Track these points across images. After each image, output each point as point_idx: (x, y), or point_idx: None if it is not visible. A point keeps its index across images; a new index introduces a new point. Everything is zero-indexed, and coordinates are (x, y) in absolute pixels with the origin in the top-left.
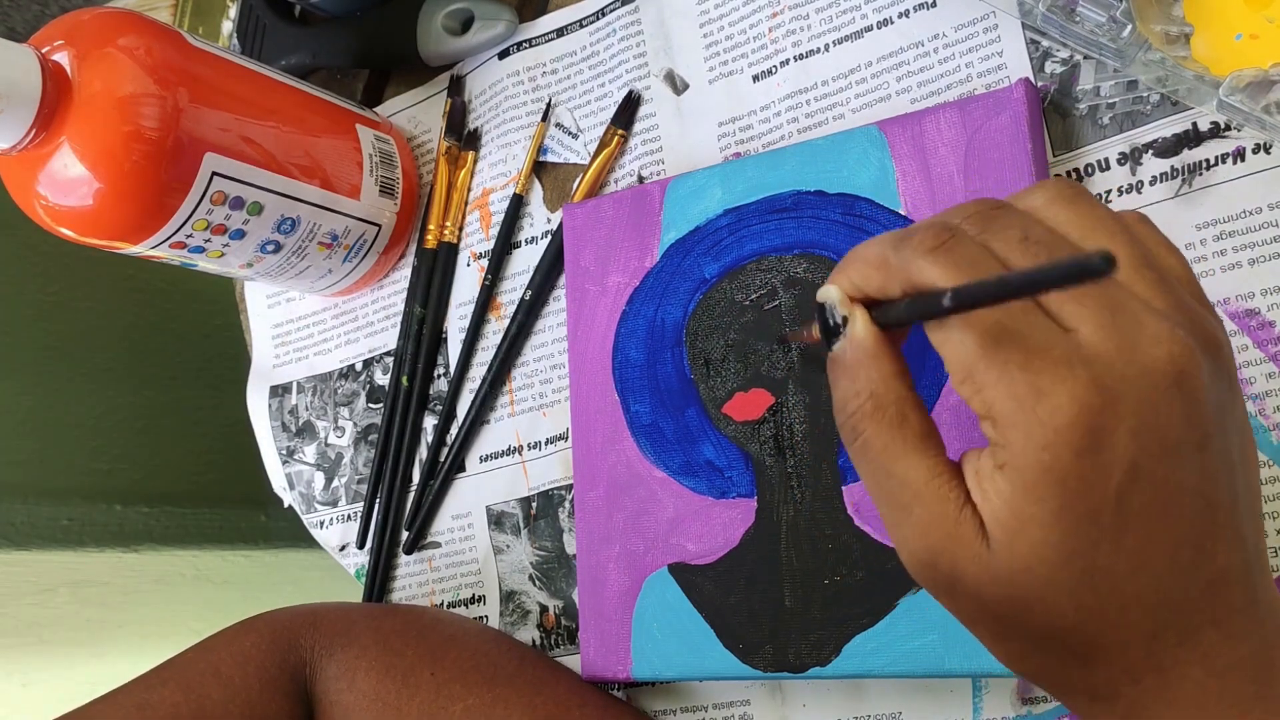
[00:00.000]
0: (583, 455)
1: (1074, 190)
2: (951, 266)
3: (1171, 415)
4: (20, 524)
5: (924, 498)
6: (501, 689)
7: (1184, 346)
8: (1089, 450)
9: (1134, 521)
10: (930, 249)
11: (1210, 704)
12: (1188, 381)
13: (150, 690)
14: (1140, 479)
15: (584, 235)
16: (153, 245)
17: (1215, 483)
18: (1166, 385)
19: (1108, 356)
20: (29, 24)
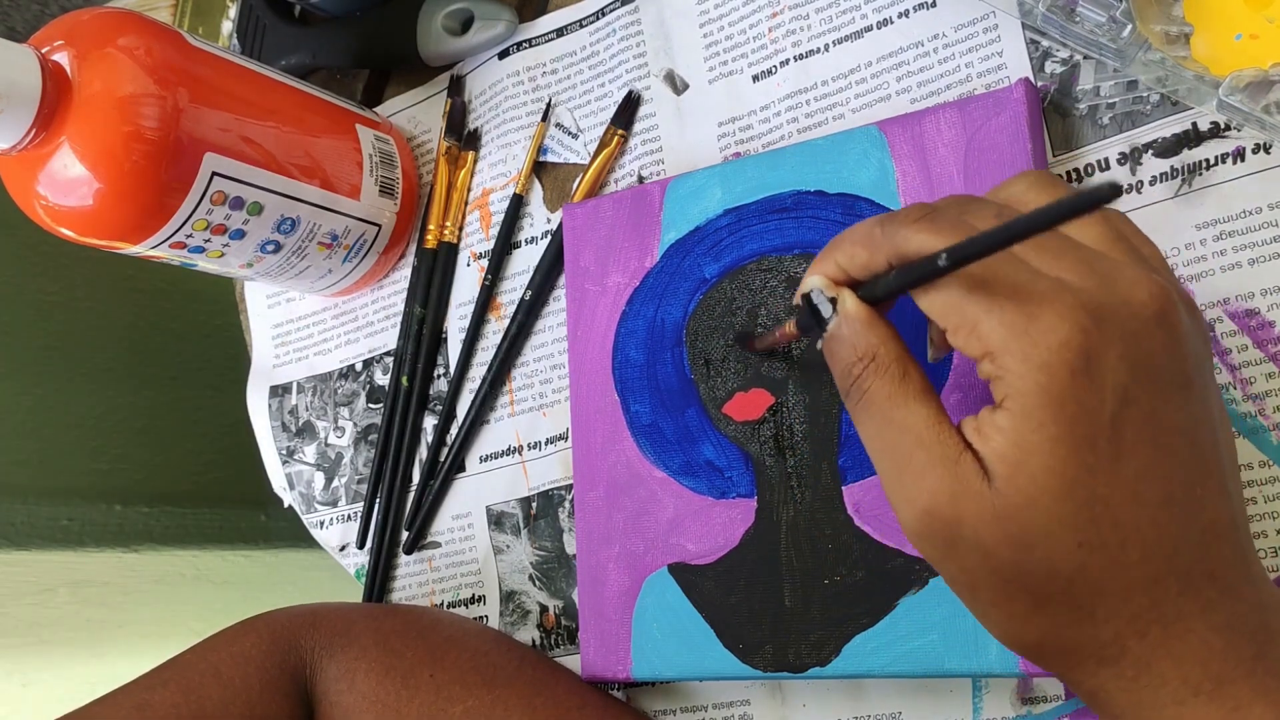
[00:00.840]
0: (583, 455)
1: (1050, 178)
2: (938, 232)
3: (1155, 347)
4: (20, 524)
5: (925, 442)
6: (501, 690)
7: (1162, 289)
8: (1083, 370)
9: (1129, 451)
10: (915, 219)
11: (1214, 662)
12: (1169, 318)
13: (150, 691)
14: (1132, 406)
15: (584, 235)
16: (153, 245)
17: (1200, 427)
18: (1149, 317)
19: (1093, 290)
20: (29, 24)
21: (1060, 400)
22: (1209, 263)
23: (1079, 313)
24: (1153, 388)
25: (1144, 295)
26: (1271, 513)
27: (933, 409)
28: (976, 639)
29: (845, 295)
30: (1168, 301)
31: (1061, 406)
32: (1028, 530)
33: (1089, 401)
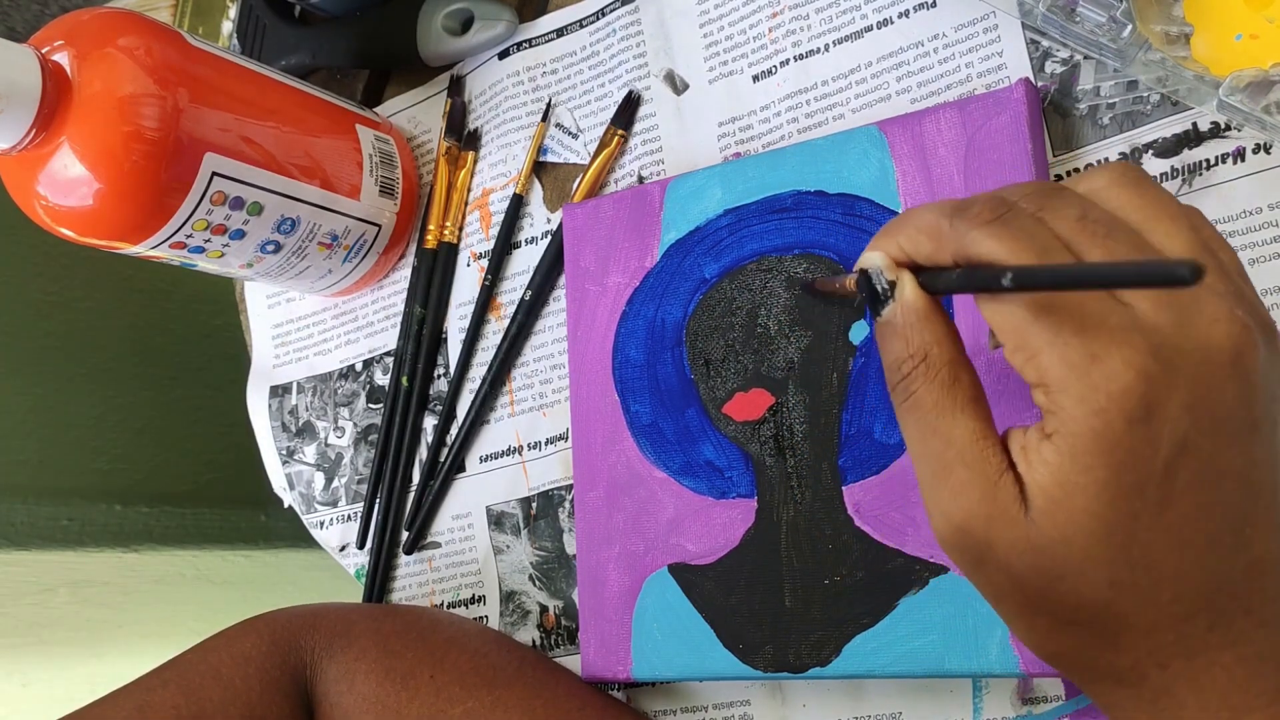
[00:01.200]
0: (583, 455)
1: (1136, 174)
2: (1010, 240)
3: (1226, 394)
4: (20, 524)
5: (967, 458)
6: (501, 691)
7: (1243, 327)
8: (1141, 419)
9: (1178, 498)
10: (987, 221)
11: (1237, 693)
12: (1244, 362)
13: (150, 692)
14: (1189, 454)
15: (584, 235)
16: (153, 245)
17: (1260, 468)
18: (1223, 363)
19: (1165, 329)
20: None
21: (1112, 447)
22: None
23: (1146, 358)
24: (1215, 435)
25: (1221, 337)
26: None
27: (980, 422)
28: (976, 639)
29: (905, 281)
30: (1246, 342)
31: (1113, 453)
32: (1059, 564)
33: (1143, 450)
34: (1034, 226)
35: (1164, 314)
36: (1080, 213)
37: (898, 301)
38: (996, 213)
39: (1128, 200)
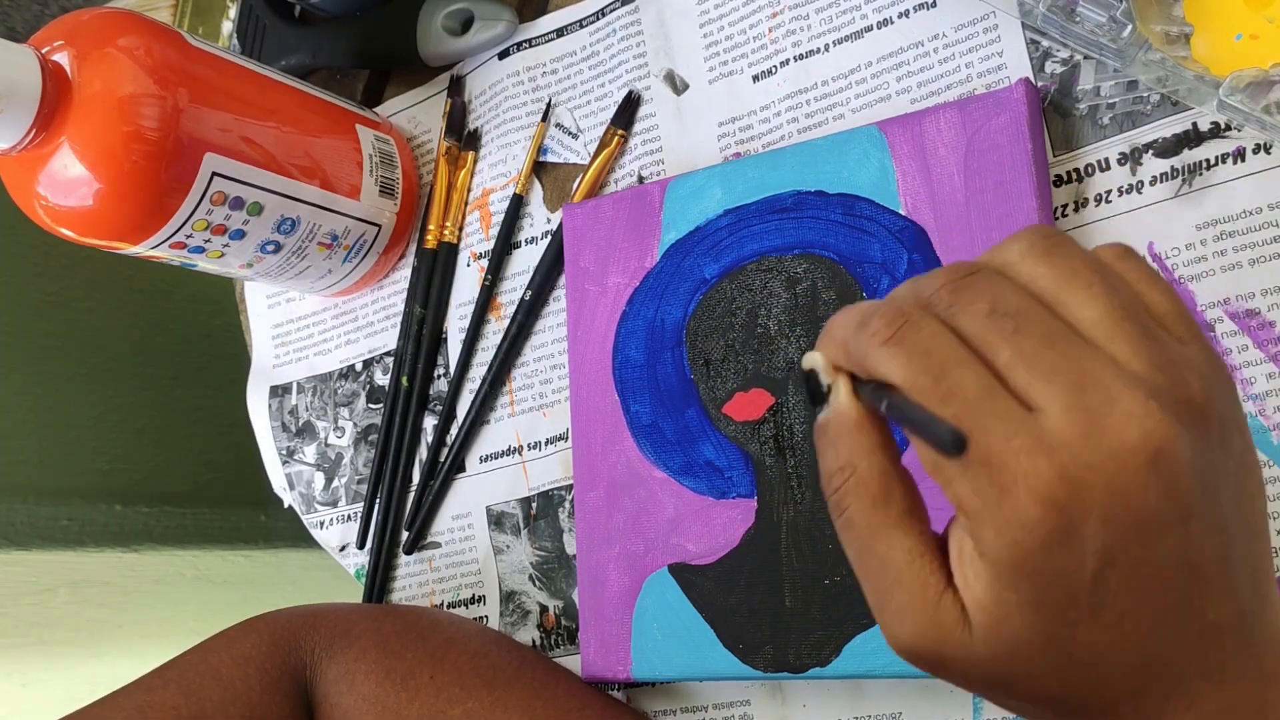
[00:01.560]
0: (583, 455)
1: (1048, 242)
2: (902, 358)
3: (1146, 496)
4: (20, 524)
5: (905, 581)
6: (501, 692)
7: (1158, 422)
8: (1059, 543)
9: (1112, 599)
10: (883, 340)
11: None
12: (1163, 459)
13: (150, 692)
14: (1115, 561)
15: (584, 235)
16: (153, 245)
17: (1201, 548)
18: (1139, 466)
19: (1074, 443)
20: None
21: (1035, 572)
22: (1209, 263)
23: (1054, 486)
24: (1141, 537)
25: (1135, 439)
26: (1272, 513)
27: (915, 539)
28: None
29: (840, 388)
30: (1164, 436)
31: (1037, 576)
32: (1009, 675)
33: (1067, 568)
34: (931, 341)
35: (1073, 424)
36: (990, 306)
37: (831, 406)
38: (893, 328)
39: (1040, 274)
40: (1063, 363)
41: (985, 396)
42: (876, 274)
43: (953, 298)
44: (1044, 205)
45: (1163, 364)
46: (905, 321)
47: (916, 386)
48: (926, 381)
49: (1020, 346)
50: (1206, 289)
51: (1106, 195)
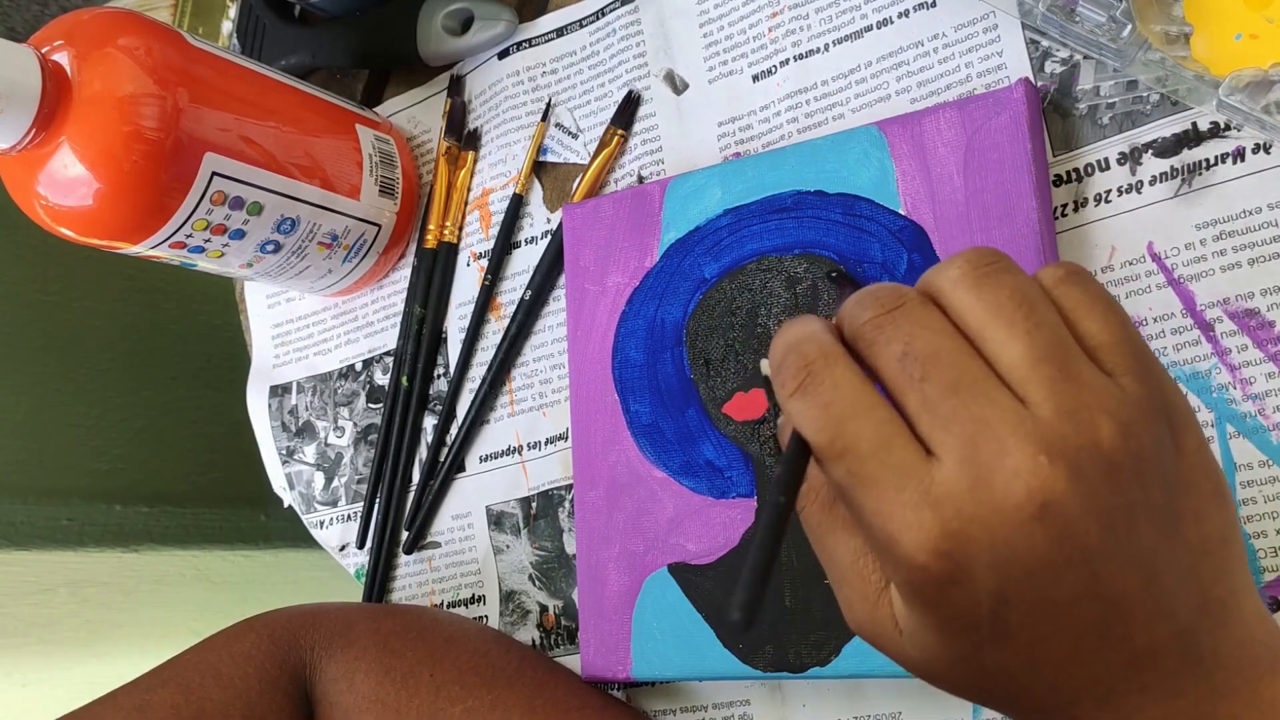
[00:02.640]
0: (582, 455)
1: (980, 271)
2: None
3: (1032, 544)
4: (20, 524)
5: (849, 578)
6: (501, 691)
7: (1045, 477)
8: (950, 583)
9: (1015, 633)
10: (789, 393)
11: None
12: (1050, 512)
13: (150, 691)
14: (1011, 601)
15: (584, 235)
16: (153, 245)
17: (1114, 582)
18: (1023, 520)
19: (960, 496)
20: (29, 24)
21: (933, 605)
22: (1209, 263)
23: (938, 539)
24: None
25: (1020, 494)
26: (1272, 513)
27: (859, 540)
28: None
29: None
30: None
31: (936, 609)
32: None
33: (963, 603)
34: (831, 393)
35: (962, 477)
36: (904, 347)
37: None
38: (797, 380)
39: (968, 305)
40: (962, 411)
41: (880, 449)
42: (876, 274)
43: (875, 334)
44: (1043, 205)
45: (1072, 409)
46: (808, 374)
47: (818, 443)
48: (825, 438)
49: (925, 395)
50: (1206, 289)
51: (1106, 195)
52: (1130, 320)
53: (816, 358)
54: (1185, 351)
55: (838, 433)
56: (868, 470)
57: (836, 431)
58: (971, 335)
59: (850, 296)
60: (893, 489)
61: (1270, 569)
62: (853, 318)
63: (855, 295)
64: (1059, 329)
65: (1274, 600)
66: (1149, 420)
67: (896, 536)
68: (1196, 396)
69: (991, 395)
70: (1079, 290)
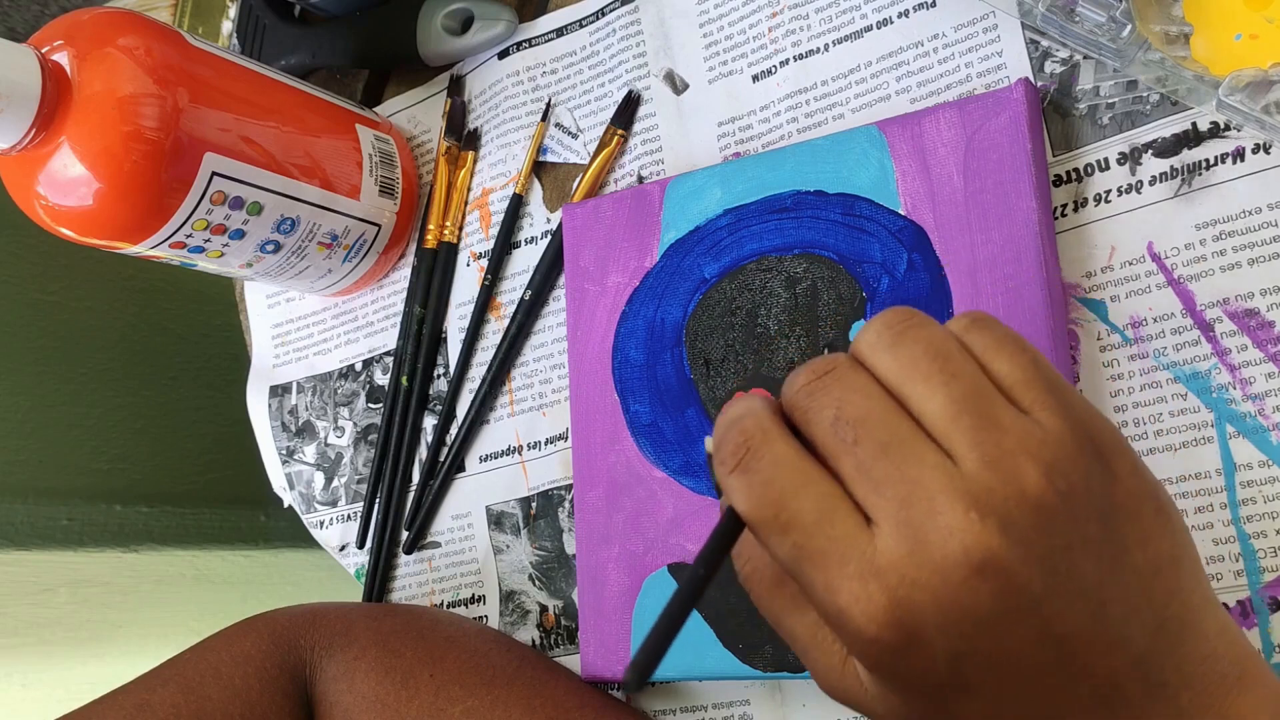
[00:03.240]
0: (582, 455)
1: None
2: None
3: (978, 600)
4: (20, 524)
5: (810, 651)
6: (501, 690)
7: (978, 534)
8: (905, 650)
9: (978, 683)
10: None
11: None
12: (989, 566)
13: (150, 691)
14: (965, 656)
15: (584, 235)
16: (153, 245)
17: (1065, 620)
18: (964, 578)
19: (901, 562)
20: (29, 24)
21: (890, 674)
22: (1209, 263)
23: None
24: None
25: (957, 552)
26: (1271, 513)
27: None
28: None
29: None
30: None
31: (894, 676)
32: None
33: (920, 667)
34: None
35: (900, 542)
36: (835, 413)
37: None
38: (737, 457)
39: (887, 365)
40: (894, 473)
41: (822, 522)
42: (876, 273)
43: (807, 402)
44: (1043, 205)
45: (995, 458)
46: (747, 450)
47: (760, 520)
48: (768, 514)
49: (858, 458)
50: (1206, 289)
51: (1106, 195)
52: (1042, 356)
53: (755, 433)
54: (1185, 351)
55: (780, 508)
56: (813, 545)
57: (779, 507)
58: (895, 394)
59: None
60: (837, 563)
61: (1270, 569)
62: (789, 388)
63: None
64: (975, 376)
65: (1274, 600)
66: (1074, 455)
67: (846, 611)
68: (1197, 396)
69: (920, 454)
70: (986, 334)
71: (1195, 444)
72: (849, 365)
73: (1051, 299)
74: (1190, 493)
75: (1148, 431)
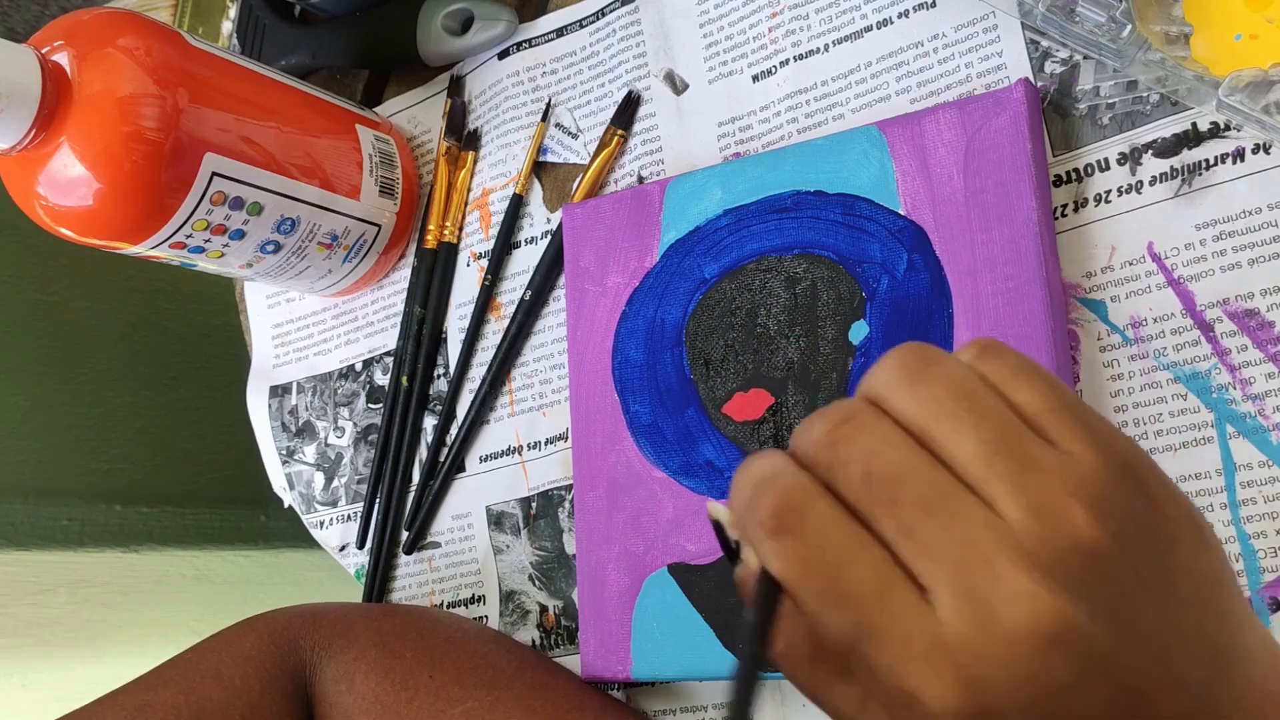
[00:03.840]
0: (582, 455)
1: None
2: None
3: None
4: (20, 524)
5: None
6: (500, 691)
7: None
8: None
9: None
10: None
11: None
12: (1062, 631)
13: (151, 691)
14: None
15: (584, 235)
16: (153, 245)
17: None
18: (1039, 649)
19: (969, 638)
20: (29, 24)
21: None
22: (1209, 263)
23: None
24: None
25: (1026, 623)
26: (1272, 513)
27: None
28: None
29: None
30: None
31: None
32: None
33: None
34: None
35: (964, 615)
36: (864, 467)
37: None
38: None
39: (908, 407)
40: (942, 535)
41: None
42: (876, 274)
43: (830, 455)
44: (1043, 205)
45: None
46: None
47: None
48: (821, 585)
49: (900, 520)
50: (1206, 289)
51: (1106, 195)
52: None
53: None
54: (1185, 351)
55: (834, 578)
56: (874, 621)
57: (833, 578)
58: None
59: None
60: (900, 642)
61: (1270, 569)
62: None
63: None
64: (1003, 412)
65: (1274, 600)
66: (1115, 489)
67: (916, 694)
68: (1197, 397)
69: (966, 511)
70: (1000, 362)
71: (1195, 444)
72: (870, 412)
73: (1052, 299)
74: (1190, 493)
75: (1148, 432)
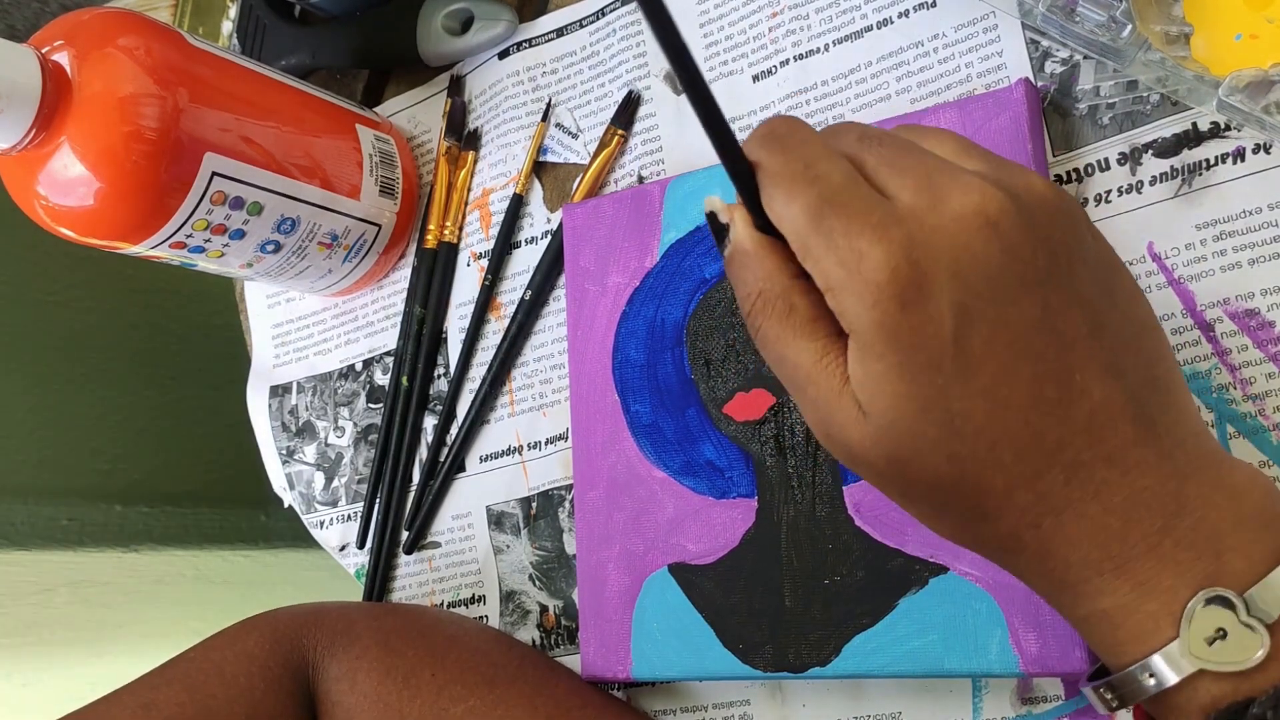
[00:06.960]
0: (583, 455)
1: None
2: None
3: (989, 252)
4: (20, 524)
5: (814, 378)
6: (502, 690)
7: (993, 195)
8: (914, 300)
9: (980, 363)
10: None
11: (1113, 543)
12: (1004, 221)
13: (154, 690)
14: (973, 319)
15: (584, 235)
16: (153, 245)
17: (1065, 316)
18: (979, 226)
19: (920, 211)
20: (29, 24)
21: (896, 332)
22: (1209, 263)
23: (905, 244)
24: (993, 294)
25: (972, 205)
26: None
27: (819, 343)
28: (976, 639)
29: (736, 220)
30: (997, 205)
31: (898, 337)
32: (900, 451)
33: (926, 328)
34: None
35: (921, 198)
36: (860, 133)
37: (731, 240)
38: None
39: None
40: (917, 165)
41: (847, 185)
42: None
43: (828, 134)
44: None
45: (1006, 170)
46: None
47: (788, 172)
48: (797, 168)
49: (882, 154)
50: (1206, 289)
51: (1106, 195)
52: None
53: (786, 121)
54: (1185, 352)
55: (811, 165)
56: (839, 197)
57: (810, 164)
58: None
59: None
60: (860, 212)
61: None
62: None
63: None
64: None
65: None
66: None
67: (865, 251)
68: (1197, 397)
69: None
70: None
71: None
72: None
73: None
74: None
75: None
